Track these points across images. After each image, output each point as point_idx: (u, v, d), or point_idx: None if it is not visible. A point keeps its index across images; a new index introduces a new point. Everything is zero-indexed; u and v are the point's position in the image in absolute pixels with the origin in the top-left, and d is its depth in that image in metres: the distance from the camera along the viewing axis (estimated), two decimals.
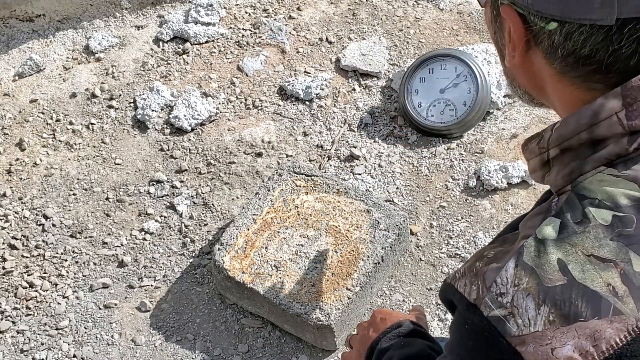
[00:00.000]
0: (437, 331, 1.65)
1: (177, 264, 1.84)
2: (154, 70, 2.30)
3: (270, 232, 1.71)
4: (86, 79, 2.31)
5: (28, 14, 2.45)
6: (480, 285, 0.60)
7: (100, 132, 2.16)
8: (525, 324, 0.57)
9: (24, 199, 2.01)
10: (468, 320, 0.61)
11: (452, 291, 0.64)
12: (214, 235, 1.88)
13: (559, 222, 0.60)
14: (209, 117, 2.13)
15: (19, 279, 1.84)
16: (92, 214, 1.97)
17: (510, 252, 0.61)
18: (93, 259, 1.87)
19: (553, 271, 0.58)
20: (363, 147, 2.02)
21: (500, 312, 0.58)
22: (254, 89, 2.21)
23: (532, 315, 0.57)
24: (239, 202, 1.94)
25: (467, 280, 0.62)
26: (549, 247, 0.59)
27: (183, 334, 1.71)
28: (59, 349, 1.71)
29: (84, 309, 1.78)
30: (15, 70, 2.36)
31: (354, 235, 1.68)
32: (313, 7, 2.44)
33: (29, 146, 2.14)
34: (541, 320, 0.57)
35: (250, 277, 1.64)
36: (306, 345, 1.66)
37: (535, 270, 0.58)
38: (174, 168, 2.05)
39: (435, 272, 1.76)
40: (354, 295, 1.60)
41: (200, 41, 2.35)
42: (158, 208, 1.96)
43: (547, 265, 0.58)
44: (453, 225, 1.84)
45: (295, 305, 1.58)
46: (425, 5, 2.40)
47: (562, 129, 0.63)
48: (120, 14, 2.46)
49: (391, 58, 2.24)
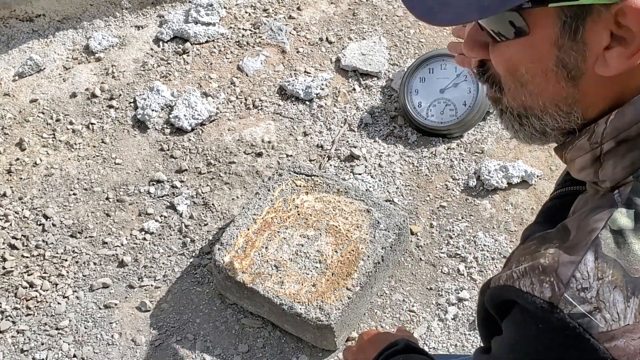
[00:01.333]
0: (437, 331, 1.65)
1: (177, 264, 1.84)
2: (154, 70, 2.30)
3: (271, 232, 1.71)
4: (86, 79, 2.31)
5: (28, 14, 2.45)
6: (555, 282, 0.58)
7: (100, 132, 2.16)
8: (615, 318, 0.55)
9: (24, 198, 2.01)
10: (543, 319, 0.58)
11: (514, 292, 0.61)
12: (214, 235, 1.88)
13: (632, 212, 0.58)
14: (209, 117, 2.13)
15: (19, 278, 1.84)
16: (92, 213, 1.97)
17: (579, 247, 0.59)
18: (93, 258, 1.87)
19: (638, 261, 0.56)
20: (363, 147, 2.02)
21: (585, 307, 0.56)
22: (254, 88, 2.21)
23: (621, 308, 0.55)
24: (239, 202, 1.94)
25: (534, 279, 0.60)
26: (628, 237, 0.57)
27: (183, 334, 1.71)
28: (59, 349, 1.71)
29: (84, 308, 1.78)
30: (15, 70, 2.36)
31: (354, 235, 1.68)
32: (313, 7, 2.44)
33: (29, 146, 2.14)
34: (631, 313, 0.55)
35: (250, 277, 1.64)
36: (306, 345, 1.66)
37: (619, 261, 0.57)
38: (174, 168, 2.05)
39: (435, 272, 1.76)
40: (354, 295, 1.60)
41: (200, 41, 2.35)
42: (158, 208, 1.96)
43: (631, 255, 0.57)
44: (453, 225, 1.84)
45: (295, 305, 1.58)
46: None
47: (618, 121, 0.62)
48: (120, 14, 2.46)
49: (391, 58, 2.24)
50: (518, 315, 0.62)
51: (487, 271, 1.74)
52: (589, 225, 0.60)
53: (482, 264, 1.75)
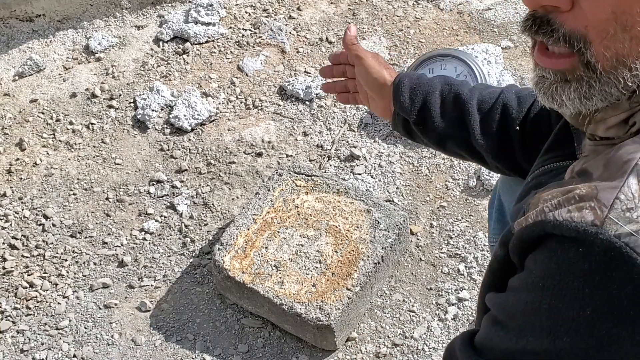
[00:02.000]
0: (437, 331, 1.65)
1: (177, 264, 1.84)
2: (154, 70, 2.30)
3: (271, 232, 1.71)
4: (86, 79, 2.31)
5: (28, 14, 2.45)
6: (596, 206, 0.58)
7: (100, 132, 2.16)
8: None
9: (24, 199, 2.01)
10: (585, 242, 0.57)
11: (549, 225, 0.60)
12: (214, 235, 1.88)
13: None
14: (209, 117, 2.13)
15: (19, 279, 1.84)
16: (92, 214, 1.97)
17: (617, 175, 0.59)
18: (93, 259, 1.87)
19: None
20: (363, 147, 2.02)
21: (631, 227, 0.56)
22: (254, 89, 2.21)
23: None
24: (239, 202, 1.94)
25: (571, 207, 0.59)
26: None
27: (183, 334, 1.71)
28: (59, 349, 1.71)
29: (84, 309, 1.78)
30: (15, 70, 2.36)
31: (354, 235, 1.68)
32: (313, 7, 2.44)
33: (29, 146, 2.14)
34: None
35: (250, 277, 1.64)
36: (306, 345, 1.66)
37: None
38: (174, 168, 2.05)
39: (435, 272, 1.76)
40: (354, 295, 1.60)
41: (200, 41, 2.35)
42: (158, 208, 1.96)
43: None
44: (453, 225, 1.84)
45: (295, 305, 1.58)
46: (425, 5, 2.40)
47: None
48: (120, 14, 2.46)
49: (391, 58, 2.24)
50: (553, 244, 0.60)
51: None
52: (622, 157, 0.60)
53: (482, 264, 1.75)
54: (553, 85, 0.67)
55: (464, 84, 1.08)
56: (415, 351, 1.63)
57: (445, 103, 1.06)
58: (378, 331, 1.67)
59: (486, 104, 1.04)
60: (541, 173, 0.82)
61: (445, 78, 1.09)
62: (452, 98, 1.05)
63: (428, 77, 1.09)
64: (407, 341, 1.65)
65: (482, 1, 2.41)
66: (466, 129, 1.04)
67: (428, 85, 1.07)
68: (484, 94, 1.05)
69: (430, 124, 1.07)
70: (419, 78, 1.08)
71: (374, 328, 1.68)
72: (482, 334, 0.69)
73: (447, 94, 1.06)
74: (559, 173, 0.77)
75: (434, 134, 1.07)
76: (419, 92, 1.06)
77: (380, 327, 1.68)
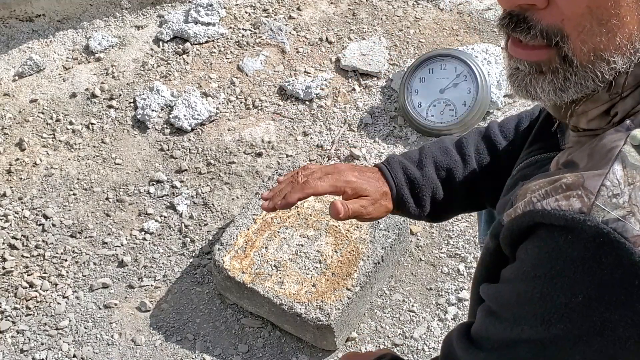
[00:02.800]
0: (437, 331, 1.65)
1: (177, 264, 1.84)
2: (154, 70, 2.30)
3: (270, 232, 1.71)
4: (86, 79, 2.31)
5: (28, 14, 2.45)
6: (583, 193, 0.59)
7: (100, 132, 2.16)
8: None
9: (24, 199, 2.01)
10: (574, 230, 0.58)
11: (538, 214, 0.61)
12: (214, 235, 1.88)
13: None
14: (209, 117, 2.13)
15: (19, 279, 1.84)
16: (92, 214, 1.97)
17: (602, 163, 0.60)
18: (93, 259, 1.87)
19: None
20: (363, 147, 2.02)
21: (618, 212, 0.57)
22: (254, 89, 2.21)
23: None
24: (239, 202, 1.94)
25: (558, 196, 0.60)
26: None
27: (183, 334, 1.71)
28: (59, 349, 1.71)
29: (84, 309, 1.78)
30: (15, 70, 2.36)
31: (354, 235, 1.69)
32: (313, 7, 2.44)
33: (29, 146, 2.14)
34: None
35: (250, 277, 1.64)
36: (306, 345, 1.66)
37: None
38: (174, 168, 2.05)
39: (435, 272, 1.76)
40: (354, 295, 1.60)
41: (200, 41, 2.35)
42: (158, 208, 1.96)
43: None
44: (453, 225, 1.84)
45: (295, 305, 1.58)
46: (425, 5, 2.40)
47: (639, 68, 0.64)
48: (120, 14, 2.46)
49: (391, 58, 2.24)
50: (543, 233, 0.61)
51: None
52: (606, 146, 0.61)
53: None
54: (527, 77, 0.67)
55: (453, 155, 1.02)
56: (415, 351, 1.63)
57: (452, 193, 1.01)
58: (378, 331, 1.68)
59: (486, 165, 1.01)
60: (526, 165, 0.83)
61: (434, 159, 1.02)
62: (456, 183, 1.01)
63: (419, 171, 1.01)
64: (407, 341, 1.65)
65: (482, 1, 2.41)
66: (479, 202, 1.03)
67: (427, 185, 1.00)
68: (480, 158, 1.02)
69: (443, 215, 1.04)
70: (412, 180, 1.00)
71: (374, 328, 1.68)
72: (477, 325, 0.70)
73: (447, 181, 1.01)
74: (544, 164, 0.77)
75: (448, 217, 1.06)
76: (423, 197, 1.00)
77: (380, 327, 1.68)
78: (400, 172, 0.99)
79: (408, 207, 0.99)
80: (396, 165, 1.00)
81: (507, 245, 0.66)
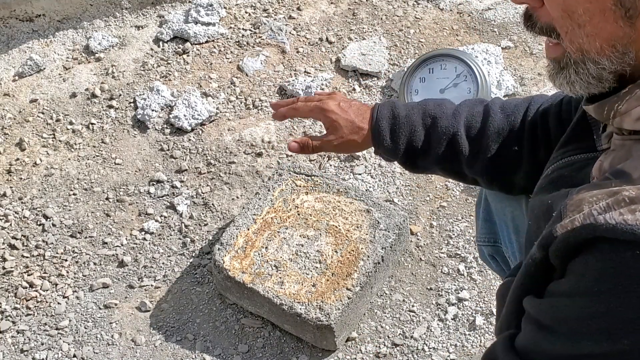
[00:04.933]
0: (437, 331, 1.65)
1: (177, 264, 1.84)
2: (154, 70, 2.30)
3: (270, 232, 1.71)
4: (86, 79, 2.31)
5: (28, 14, 2.45)
6: None
7: (100, 132, 2.16)
8: None
9: (24, 199, 2.01)
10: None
11: (600, 228, 0.59)
12: (214, 235, 1.88)
13: None
14: (209, 117, 2.13)
15: (19, 279, 1.84)
16: (92, 214, 1.97)
17: None
18: (93, 259, 1.87)
19: None
20: None
21: None
22: (254, 88, 2.21)
23: None
24: (239, 202, 1.94)
25: (622, 210, 0.59)
26: None
27: (183, 334, 1.71)
28: (59, 349, 1.71)
29: (84, 309, 1.78)
30: (15, 70, 2.36)
31: (354, 235, 1.68)
32: (313, 7, 2.44)
33: (29, 146, 2.14)
34: None
35: (250, 277, 1.64)
36: (306, 345, 1.66)
37: None
38: (174, 168, 2.05)
39: (435, 272, 1.76)
40: (354, 295, 1.60)
41: (200, 41, 2.36)
42: (158, 208, 1.96)
43: None
44: (453, 225, 1.84)
45: (295, 305, 1.58)
46: (425, 5, 2.40)
47: None
48: (120, 14, 2.46)
49: (391, 58, 2.24)
50: (606, 247, 0.60)
51: (487, 271, 1.74)
52: None
53: (482, 264, 1.75)
54: (552, 72, 0.74)
55: (445, 108, 1.04)
56: (415, 351, 1.63)
57: (431, 140, 1.03)
58: (378, 331, 1.67)
59: (474, 129, 1.02)
60: (562, 165, 0.82)
61: (424, 108, 1.05)
62: (437, 131, 1.02)
63: (405, 111, 1.04)
64: (407, 341, 1.65)
65: (482, 1, 2.41)
66: (457, 161, 1.03)
67: (408, 123, 1.03)
68: (470, 120, 1.03)
69: (419, 162, 1.05)
70: (396, 117, 1.04)
71: (374, 328, 1.68)
72: (526, 339, 0.69)
73: (430, 127, 1.03)
74: (582, 166, 0.77)
75: (424, 169, 1.07)
76: (400, 134, 1.03)
77: (380, 327, 1.68)
78: (387, 108, 1.05)
79: (382, 139, 1.03)
80: (387, 103, 1.06)
81: (557, 257, 0.65)
